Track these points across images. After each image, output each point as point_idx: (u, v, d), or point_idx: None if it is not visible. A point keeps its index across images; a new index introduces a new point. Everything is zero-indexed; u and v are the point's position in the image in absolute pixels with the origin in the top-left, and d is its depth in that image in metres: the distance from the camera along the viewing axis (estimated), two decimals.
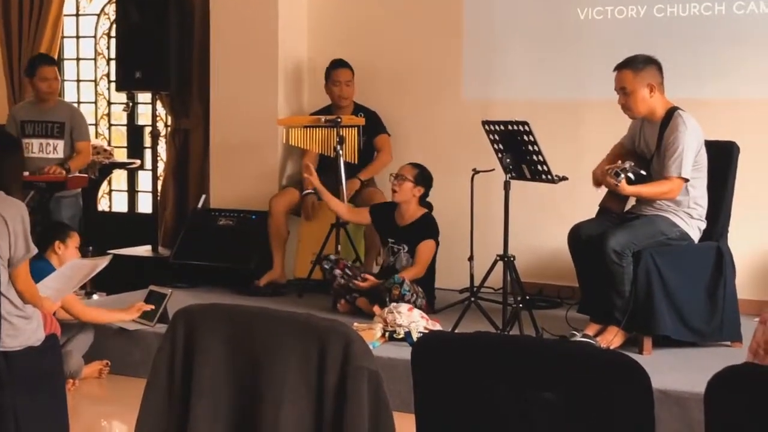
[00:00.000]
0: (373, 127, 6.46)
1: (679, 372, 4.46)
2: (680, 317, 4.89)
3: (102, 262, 4.72)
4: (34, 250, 3.88)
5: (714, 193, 5.05)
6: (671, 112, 4.92)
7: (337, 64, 6.55)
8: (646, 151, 5.07)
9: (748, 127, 5.79)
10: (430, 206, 5.88)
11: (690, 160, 4.84)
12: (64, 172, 6.38)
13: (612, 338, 4.85)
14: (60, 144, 6.57)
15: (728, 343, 5.04)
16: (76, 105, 7.91)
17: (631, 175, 4.68)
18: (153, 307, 5.39)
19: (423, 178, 5.78)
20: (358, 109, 6.56)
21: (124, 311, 5.38)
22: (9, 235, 3.75)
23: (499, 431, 1.98)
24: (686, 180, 4.85)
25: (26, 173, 5.74)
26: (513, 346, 2.08)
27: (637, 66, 4.91)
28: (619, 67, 4.95)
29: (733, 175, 5.19)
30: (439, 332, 4.81)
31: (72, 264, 4.81)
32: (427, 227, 5.76)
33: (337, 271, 5.75)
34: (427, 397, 2.05)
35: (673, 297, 4.86)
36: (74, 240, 5.34)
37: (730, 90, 5.97)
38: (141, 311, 5.36)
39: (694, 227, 4.98)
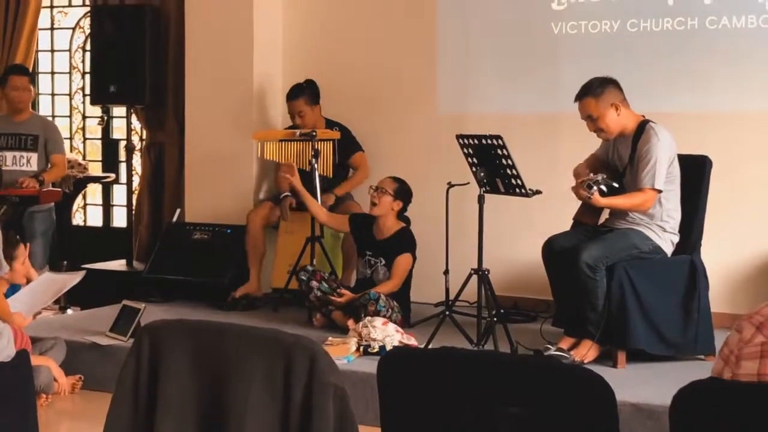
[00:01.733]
0: (347, 145, 6.45)
1: (652, 385, 4.47)
2: (655, 331, 4.89)
3: (75, 278, 4.69)
4: (6, 268, 3.86)
5: (687, 207, 5.08)
6: (643, 125, 4.95)
7: (288, 95, 6.51)
8: (619, 164, 5.09)
9: (720, 139, 5.83)
10: (407, 221, 5.88)
11: (663, 172, 4.86)
12: (37, 185, 6.35)
13: (586, 352, 4.85)
14: (34, 157, 6.53)
15: (702, 356, 5.05)
16: (50, 118, 7.87)
17: (603, 187, 4.69)
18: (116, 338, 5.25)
19: (403, 192, 5.78)
20: (330, 126, 6.55)
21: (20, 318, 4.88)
22: None
23: None
24: (659, 191, 4.87)
25: None
26: (478, 361, 2.08)
27: (596, 91, 4.93)
28: (579, 97, 4.98)
29: (705, 188, 5.21)
30: (405, 347, 4.81)
31: (44, 278, 4.78)
32: (405, 241, 5.76)
33: (314, 283, 5.73)
34: (393, 412, 2.05)
35: (647, 310, 4.87)
36: (21, 254, 4.94)
37: (702, 103, 6.01)
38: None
39: (667, 240, 5.00)
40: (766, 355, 2.06)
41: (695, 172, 5.15)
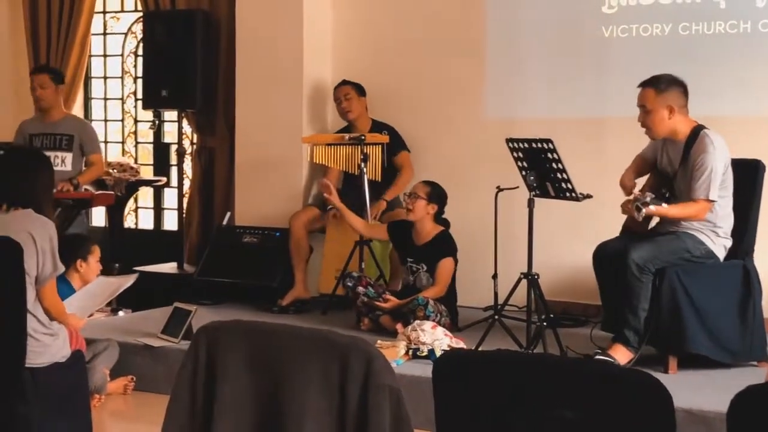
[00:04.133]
0: (393, 145, 6.48)
1: (704, 391, 4.43)
2: (713, 336, 4.83)
3: (128, 281, 4.73)
4: (62, 269, 3.92)
5: (740, 211, 5.02)
6: (697, 131, 4.90)
7: (336, 85, 6.68)
8: (669, 169, 5.04)
9: None
10: (447, 223, 5.87)
11: (717, 182, 4.80)
12: (72, 188, 6.41)
13: (615, 356, 4.81)
14: (68, 157, 6.60)
15: (755, 363, 4.99)
16: (85, 120, 7.92)
17: (652, 207, 4.62)
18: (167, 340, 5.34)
19: (436, 195, 5.77)
20: (378, 127, 6.58)
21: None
22: (37, 253, 3.78)
23: None
24: (713, 201, 4.82)
25: None
26: (534, 364, 2.08)
27: (660, 86, 4.89)
28: (643, 85, 4.94)
29: (759, 193, 5.16)
30: (460, 350, 4.81)
31: (98, 282, 4.83)
32: (445, 245, 5.75)
33: (360, 289, 5.76)
34: (447, 414, 2.05)
35: (703, 315, 4.80)
36: (95, 254, 5.31)
37: (755, 107, 5.95)
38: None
39: (720, 245, 4.95)
40: None
41: (748, 177, 5.10)
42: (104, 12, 8.53)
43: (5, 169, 4.07)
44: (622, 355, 4.82)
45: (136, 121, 8.55)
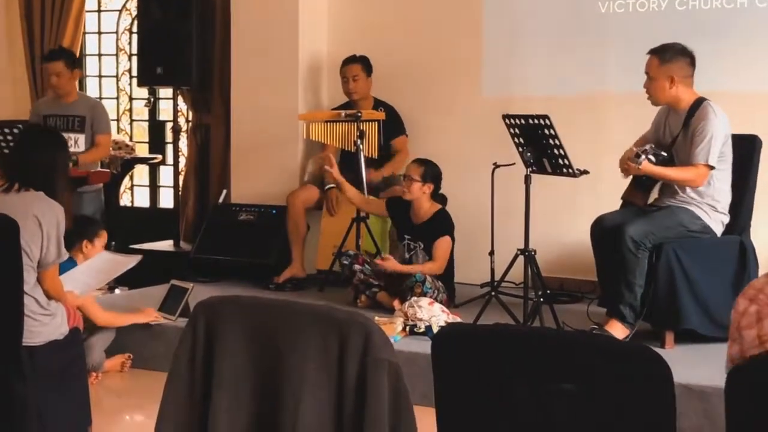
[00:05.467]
0: (392, 126, 6.46)
1: (701, 366, 4.44)
2: (706, 312, 4.84)
3: (132, 261, 4.73)
4: (65, 256, 3.89)
5: (736, 187, 5.03)
6: (699, 102, 4.90)
7: (345, 61, 6.61)
8: (670, 139, 5.04)
9: None
10: (444, 199, 5.85)
11: (717, 149, 4.81)
12: (71, 164, 6.38)
13: (611, 332, 4.82)
14: (81, 138, 6.59)
15: None
16: (98, 99, 7.93)
17: (651, 156, 4.65)
18: (164, 317, 5.41)
19: (430, 173, 5.74)
20: (378, 105, 6.56)
21: (137, 314, 5.38)
22: (42, 237, 3.75)
23: (519, 422, 1.97)
24: (712, 167, 4.82)
25: None
26: (533, 337, 2.08)
27: (665, 56, 4.89)
28: (651, 52, 4.96)
29: (755, 168, 5.16)
30: (460, 324, 4.80)
31: (103, 257, 4.81)
32: (442, 224, 5.74)
33: (357, 266, 5.76)
34: (447, 389, 2.05)
35: (697, 291, 4.82)
36: (102, 239, 5.29)
37: (752, 82, 5.93)
38: (153, 317, 5.37)
39: (717, 221, 4.96)
40: (762, 318, 2.12)
41: (745, 152, 5.10)
42: None
43: (22, 148, 3.99)
44: (618, 331, 4.83)
45: (131, 99, 8.53)
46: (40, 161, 3.87)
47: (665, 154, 4.78)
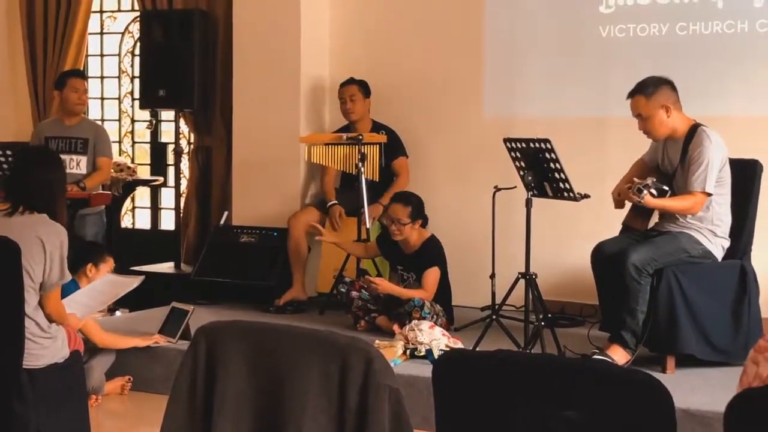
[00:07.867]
0: (392, 148, 6.47)
1: (702, 391, 4.44)
2: (705, 337, 4.84)
3: (134, 283, 4.72)
4: (68, 277, 3.90)
5: (737, 211, 5.03)
6: (694, 128, 4.91)
7: (342, 83, 6.65)
8: (669, 168, 5.05)
9: None
10: (425, 220, 5.80)
11: (714, 176, 4.82)
12: (79, 191, 6.39)
13: (614, 357, 4.81)
14: (83, 160, 6.60)
15: None
16: (100, 122, 7.95)
17: (653, 190, 4.66)
18: (167, 340, 5.40)
19: (416, 211, 5.72)
20: (377, 128, 6.58)
21: (140, 338, 5.38)
22: (45, 260, 3.76)
23: None
24: (709, 195, 4.83)
25: None
26: (534, 364, 2.07)
27: (648, 90, 4.89)
28: (632, 94, 4.94)
29: (756, 192, 5.17)
30: (461, 350, 4.80)
31: (106, 279, 4.80)
32: (432, 255, 5.72)
33: (354, 293, 5.76)
34: (448, 414, 2.05)
35: (697, 316, 4.82)
36: (108, 264, 5.29)
37: (753, 106, 5.95)
38: (154, 341, 5.36)
39: (717, 245, 4.96)
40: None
41: (746, 176, 5.11)
42: (101, 11, 8.52)
43: (24, 171, 4.00)
44: (620, 356, 4.82)
45: (133, 121, 8.54)
46: (40, 183, 3.88)
47: (667, 188, 4.80)
